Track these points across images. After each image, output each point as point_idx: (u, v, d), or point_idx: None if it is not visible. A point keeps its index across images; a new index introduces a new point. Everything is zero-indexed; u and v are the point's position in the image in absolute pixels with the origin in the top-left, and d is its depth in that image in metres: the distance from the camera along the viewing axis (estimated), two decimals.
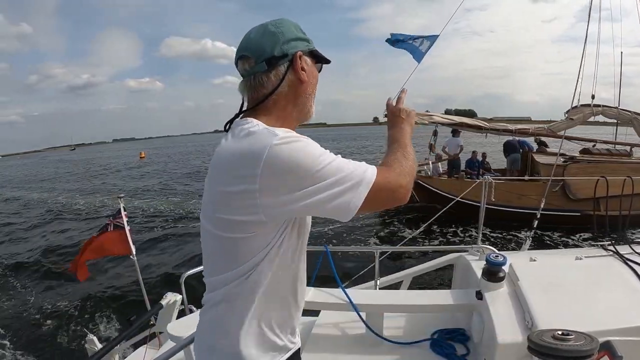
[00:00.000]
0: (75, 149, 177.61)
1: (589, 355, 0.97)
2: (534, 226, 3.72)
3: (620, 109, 9.00)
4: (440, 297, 1.82)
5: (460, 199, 4.40)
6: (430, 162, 10.11)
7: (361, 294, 1.88)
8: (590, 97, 8.91)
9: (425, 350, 1.73)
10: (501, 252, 1.68)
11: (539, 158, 8.70)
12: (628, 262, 1.58)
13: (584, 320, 1.24)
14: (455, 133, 10.05)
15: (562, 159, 8.02)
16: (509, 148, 9.88)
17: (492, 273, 1.56)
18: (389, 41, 8.72)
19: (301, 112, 0.91)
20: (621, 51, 9.57)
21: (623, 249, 1.70)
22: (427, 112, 9.06)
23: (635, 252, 1.67)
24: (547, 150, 9.70)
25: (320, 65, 0.94)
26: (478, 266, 1.81)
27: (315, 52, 0.90)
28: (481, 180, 3.19)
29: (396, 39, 8.67)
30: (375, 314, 1.82)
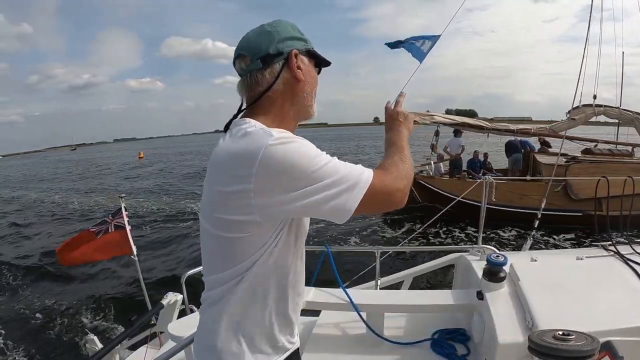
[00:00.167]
0: (76, 149, 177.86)
1: (590, 355, 0.96)
2: (535, 226, 3.72)
3: (621, 109, 8.99)
4: (440, 297, 1.82)
5: (461, 199, 4.40)
6: (432, 162, 10.12)
7: (362, 294, 1.88)
8: (591, 97, 8.91)
9: (425, 350, 1.73)
10: (502, 252, 1.68)
11: (541, 158, 8.69)
12: (629, 262, 1.58)
13: (585, 320, 1.24)
14: (457, 133, 10.07)
15: (564, 159, 8.01)
16: (511, 148, 9.87)
17: (493, 273, 1.56)
18: (390, 45, 8.72)
19: (299, 111, 0.90)
20: (622, 51, 9.57)
21: (624, 249, 1.70)
22: (428, 112, 9.05)
23: (636, 252, 1.67)
24: (550, 150, 9.69)
25: (319, 67, 0.93)
26: (479, 266, 1.81)
27: (312, 52, 0.90)
28: (482, 180, 3.18)
29: (397, 42, 8.67)
30: (375, 314, 1.82)
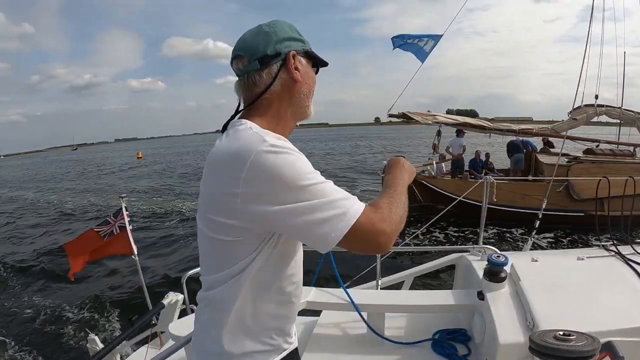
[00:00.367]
0: (77, 149, 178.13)
1: (591, 355, 0.96)
2: (536, 226, 3.71)
3: (623, 109, 8.97)
4: (441, 298, 1.82)
5: (462, 199, 4.39)
6: (434, 162, 10.11)
7: (363, 294, 1.87)
8: (592, 97, 8.90)
9: (426, 350, 1.72)
10: (503, 252, 1.68)
11: (543, 158, 8.68)
12: (630, 263, 1.58)
13: (586, 320, 1.24)
14: (459, 133, 10.06)
15: (566, 159, 8.00)
16: (513, 148, 9.87)
17: (494, 273, 1.56)
18: (394, 42, 8.75)
19: (296, 112, 0.89)
20: (624, 51, 9.55)
21: (625, 250, 1.70)
22: (430, 112, 9.05)
23: (636, 253, 1.67)
24: (552, 150, 9.68)
25: (317, 68, 0.92)
26: (479, 266, 1.80)
27: (310, 53, 0.89)
28: (482, 180, 3.18)
29: (401, 39, 8.71)
30: (376, 314, 1.81)
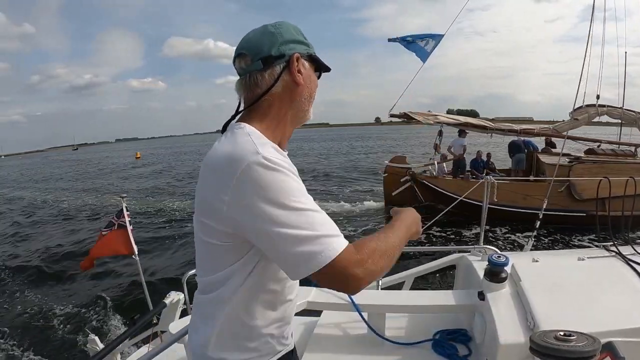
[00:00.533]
0: (77, 149, 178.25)
1: (591, 356, 0.96)
2: (536, 227, 3.70)
3: (624, 109, 8.96)
4: (442, 298, 1.81)
5: (464, 199, 4.38)
6: (435, 163, 10.11)
7: (363, 294, 1.87)
8: (593, 97, 8.89)
9: (427, 350, 1.72)
10: (503, 253, 1.67)
11: (544, 158, 8.67)
12: (630, 263, 1.57)
13: (586, 321, 1.24)
14: (461, 134, 10.04)
15: (568, 160, 7.99)
16: (514, 148, 9.85)
17: (495, 273, 1.56)
18: (396, 40, 8.73)
19: (296, 116, 0.89)
20: (625, 51, 9.54)
21: (625, 250, 1.69)
22: (431, 112, 9.04)
23: (637, 253, 1.66)
24: (553, 150, 9.66)
25: (319, 72, 0.92)
26: (480, 267, 1.80)
27: (314, 57, 0.89)
28: (483, 180, 3.18)
29: (401, 40, 8.69)
30: (377, 314, 1.81)
